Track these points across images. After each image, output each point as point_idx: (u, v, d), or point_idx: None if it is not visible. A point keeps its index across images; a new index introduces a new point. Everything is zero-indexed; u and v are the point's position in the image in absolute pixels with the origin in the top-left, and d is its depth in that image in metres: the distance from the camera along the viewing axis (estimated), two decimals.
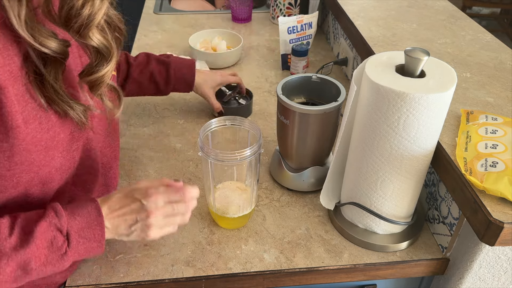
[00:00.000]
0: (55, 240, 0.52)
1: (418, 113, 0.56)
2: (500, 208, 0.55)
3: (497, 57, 0.89)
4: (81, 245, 0.54)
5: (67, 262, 0.53)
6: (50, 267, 0.52)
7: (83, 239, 0.54)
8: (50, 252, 0.52)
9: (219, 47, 1.25)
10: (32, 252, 0.50)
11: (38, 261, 0.51)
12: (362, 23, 1.04)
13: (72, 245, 0.53)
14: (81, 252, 0.54)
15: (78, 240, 0.53)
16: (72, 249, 0.53)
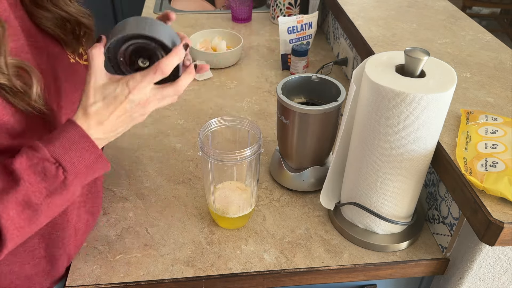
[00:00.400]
0: (46, 171, 0.49)
1: (418, 113, 0.56)
2: (500, 208, 0.55)
3: (497, 57, 0.89)
4: (78, 165, 0.50)
5: (73, 187, 0.51)
6: (58, 197, 0.50)
7: (77, 158, 0.50)
8: (48, 183, 0.49)
9: (219, 47, 1.25)
10: (26, 189, 0.48)
11: (39, 195, 0.49)
12: (362, 23, 1.04)
13: (68, 168, 0.50)
14: (82, 171, 0.51)
15: (72, 162, 0.50)
16: (70, 172, 0.50)
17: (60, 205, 0.52)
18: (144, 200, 0.80)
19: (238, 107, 1.06)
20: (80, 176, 0.52)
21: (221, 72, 1.21)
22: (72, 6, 0.61)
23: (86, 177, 0.53)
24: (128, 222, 0.75)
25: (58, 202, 0.51)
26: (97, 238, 0.72)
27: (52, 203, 0.50)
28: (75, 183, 0.51)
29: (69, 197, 0.52)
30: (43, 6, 0.57)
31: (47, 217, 0.51)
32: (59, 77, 0.58)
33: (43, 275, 0.64)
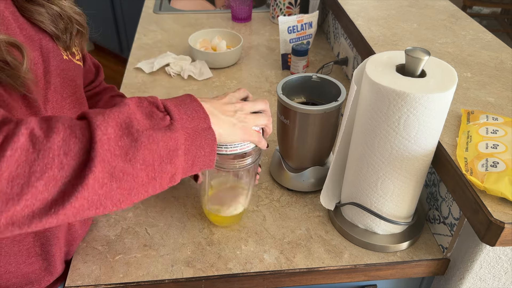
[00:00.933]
0: (153, 113, 0.48)
1: (418, 113, 0.56)
2: (500, 208, 0.55)
3: (498, 57, 0.89)
4: (185, 120, 0.50)
5: (177, 133, 0.48)
6: (160, 136, 0.47)
7: (184, 115, 0.50)
8: (152, 122, 0.48)
9: (219, 46, 1.24)
10: (129, 112, 0.46)
11: (142, 124, 0.46)
12: (363, 23, 1.03)
13: (174, 117, 0.50)
14: (189, 131, 0.50)
15: (181, 116, 0.50)
16: (176, 121, 0.49)
17: (160, 150, 0.47)
18: (143, 200, 0.80)
19: None
20: (187, 134, 0.50)
21: (221, 72, 1.21)
22: (65, 2, 0.61)
23: (192, 141, 0.51)
24: (127, 222, 0.75)
25: (160, 143, 0.47)
26: (96, 238, 0.72)
27: (153, 139, 0.46)
28: (181, 134, 0.49)
29: (171, 146, 0.48)
30: (34, 1, 0.57)
31: (144, 159, 0.46)
32: (50, 71, 0.57)
33: (40, 272, 0.64)
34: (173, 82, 1.16)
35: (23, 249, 0.60)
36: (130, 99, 0.49)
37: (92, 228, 0.74)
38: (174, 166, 0.49)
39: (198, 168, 0.54)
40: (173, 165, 0.49)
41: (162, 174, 0.49)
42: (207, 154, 0.53)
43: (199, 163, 0.53)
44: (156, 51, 1.30)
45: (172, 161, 0.49)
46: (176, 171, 0.50)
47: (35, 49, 0.56)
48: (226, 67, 1.23)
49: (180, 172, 0.51)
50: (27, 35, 0.55)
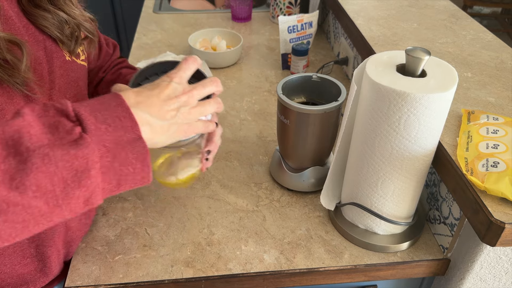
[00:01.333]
0: (59, 125, 0.39)
1: (419, 113, 0.55)
2: (501, 208, 0.55)
3: (498, 56, 0.89)
4: (103, 131, 0.41)
5: (87, 150, 0.39)
6: (61, 154, 0.38)
7: (103, 124, 0.41)
8: (54, 137, 0.39)
9: (219, 46, 1.24)
10: (20, 126, 0.38)
11: (36, 141, 0.38)
12: (363, 23, 1.03)
13: (88, 129, 0.40)
14: (107, 140, 0.41)
15: (98, 126, 0.41)
16: (89, 133, 0.40)
17: (62, 172, 0.38)
18: (143, 200, 0.79)
19: (238, 106, 1.05)
20: (105, 148, 0.41)
21: (221, 72, 1.21)
22: (75, 9, 0.61)
23: (114, 157, 0.41)
24: (127, 223, 0.75)
25: (59, 163, 0.38)
26: (96, 238, 0.72)
27: (50, 159, 0.38)
28: (92, 153, 0.40)
29: (78, 166, 0.39)
30: (40, 6, 0.57)
31: (38, 184, 0.37)
32: (54, 71, 0.57)
33: (36, 273, 0.64)
34: None
35: (18, 250, 0.60)
36: (32, 107, 0.40)
37: (91, 229, 0.73)
38: (87, 190, 0.41)
39: (129, 187, 0.45)
40: (85, 188, 0.40)
41: (70, 200, 0.40)
42: (137, 171, 0.44)
43: (129, 181, 0.44)
44: (156, 51, 1.30)
45: (82, 184, 0.40)
46: (92, 194, 0.42)
47: (40, 49, 0.56)
48: (226, 67, 1.23)
49: (99, 194, 0.42)
50: (32, 34, 0.55)
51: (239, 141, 0.95)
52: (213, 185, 0.83)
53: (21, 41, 0.50)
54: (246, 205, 0.79)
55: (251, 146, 0.93)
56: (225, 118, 1.01)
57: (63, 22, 0.59)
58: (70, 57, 0.62)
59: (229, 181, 0.84)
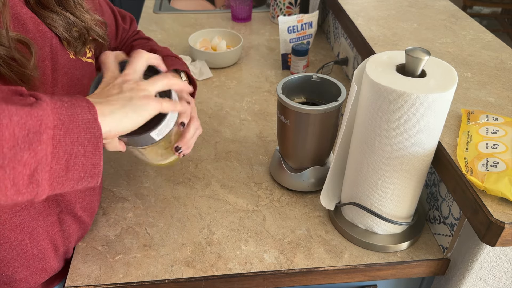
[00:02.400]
0: (14, 96, 0.39)
1: (418, 113, 0.55)
2: (500, 208, 0.55)
3: (498, 56, 0.89)
4: (59, 106, 0.40)
5: (42, 112, 0.38)
6: (16, 109, 0.37)
7: (59, 101, 0.41)
8: (9, 99, 0.38)
9: (219, 46, 1.24)
10: None
11: None
12: (363, 23, 1.03)
13: (43, 99, 0.40)
14: (63, 114, 0.40)
15: (54, 101, 0.40)
16: (45, 102, 0.39)
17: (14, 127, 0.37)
18: (143, 200, 0.80)
19: (238, 106, 1.06)
20: (59, 120, 0.40)
21: (221, 72, 1.21)
22: (85, 13, 0.61)
23: (66, 130, 0.40)
24: (127, 223, 0.75)
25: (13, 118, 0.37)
26: (96, 238, 0.72)
27: (6, 112, 0.37)
28: (46, 116, 0.39)
29: (31, 125, 0.37)
30: (48, 7, 0.57)
31: None
32: (58, 69, 0.58)
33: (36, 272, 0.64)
34: None
35: (21, 253, 0.60)
36: None
37: (91, 228, 0.74)
38: (35, 156, 0.38)
39: (77, 176, 0.42)
40: (33, 153, 0.38)
41: (15, 163, 0.37)
42: (88, 155, 0.42)
43: (77, 166, 0.42)
44: None
45: (32, 148, 0.38)
46: (39, 166, 0.38)
47: (46, 45, 0.56)
48: (226, 67, 1.23)
49: (46, 172, 0.39)
50: (41, 30, 0.55)
51: (239, 141, 0.95)
52: (213, 185, 0.83)
53: (30, 41, 0.51)
54: (246, 205, 0.79)
55: (251, 146, 0.93)
56: (225, 118, 1.01)
57: (70, 24, 0.59)
58: (75, 56, 0.62)
59: (229, 181, 0.84)
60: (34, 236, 0.61)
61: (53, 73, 0.57)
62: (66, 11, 0.58)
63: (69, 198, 0.64)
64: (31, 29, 0.54)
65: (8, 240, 0.58)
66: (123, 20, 0.82)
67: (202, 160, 0.89)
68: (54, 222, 0.64)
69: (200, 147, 0.92)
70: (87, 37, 0.62)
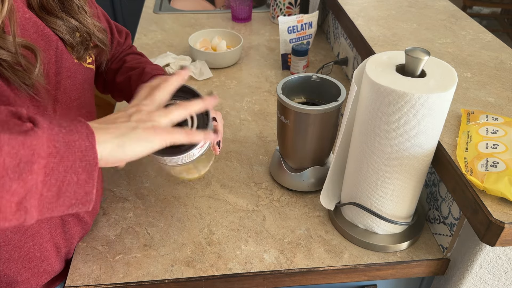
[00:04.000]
0: (10, 121, 0.38)
1: (418, 113, 0.56)
2: (500, 208, 0.55)
3: (498, 57, 0.89)
4: (56, 132, 0.39)
5: (37, 141, 0.37)
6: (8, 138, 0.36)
7: (57, 126, 0.40)
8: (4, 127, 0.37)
9: (219, 46, 1.24)
10: None
11: None
12: (363, 23, 1.03)
13: (40, 125, 0.39)
14: (58, 141, 0.39)
15: (52, 127, 0.39)
16: (41, 129, 0.38)
17: (4, 157, 0.36)
18: (143, 200, 0.80)
19: (238, 107, 1.06)
20: (54, 147, 0.39)
21: (221, 72, 1.21)
22: (87, 18, 0.61)
23: (61, 158, 0.39)
24: (127, 222, 0.75)
25: (4, 147, 0.36)
26: (96, 238, 0.72)
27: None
28: (40, 145, 0.38)
29: (23, 155, 0.36)
30: (52, 13, 0.57)
31: None
32: (61, 72, 0.58)
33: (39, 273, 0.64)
34: None
35: (24, 255, 0.60)
36: None
37: (92, 228, 0.74)
38: (24, 185, 0.37)
39: (68, 203, 0.41)
40: (22, 183, 0.37)
41: (3, 192, 0.36)
42: (81, 183, 0.41)
43: (69, 193, 0.41)
44: (156, 51, 1.30)
45: (22, 178, 0.37)
46: (27, 195, 0.38)
47: (51, 48, 0.56)
48: (226, 67, 1.23)
49: (35, 199, 0.38)
50: (47, 33, 0.55)
51: (239, 141, 0.95)
52: (213, 185, 0.83)
53: (36, 47, 0.51)
54: (246, 205, 0.79)
55: (251, 146, 0.93)
56: (225, 118, 1.01)
57: (73, 29, 0.59)
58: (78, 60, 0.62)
59: (229, 181, 0.84)
60: (37, 238, 0.61)
61: (57, 76, 0.57)
62: (69, 17, 0.59)
63: None
64: (35, 33, 0.54)
65: (10, 242, 0.59)
66: (119, 34, 0.82)
67: None
68: (57, 224, 0.64)
69: None
70: (89, 43, 0.63)
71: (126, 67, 0.77)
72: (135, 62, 0.78)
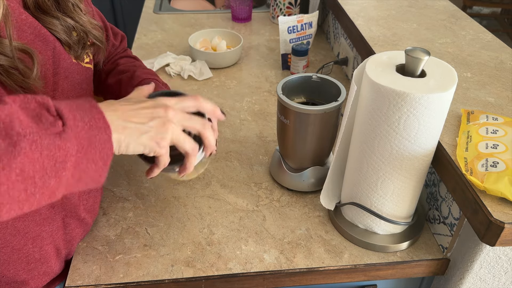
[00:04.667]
0: (42, 116, 0.41)
1: (418, 113, 0.56)
2: (500, 208, 0.55)
3: (498, 57, 0.89)
4: (81, 128, 0.42)
5: (69, 143, 0.41)
6: (47, 143, 0.39)
7: (80, 122, 0.42)
8: (39, 126, 0.40)
9: (219, 46, 1.25)
10: (10, 112, 0.39)
11: (25, 127, 0.39)
12: (363, 23, 1.03)
13: (68, 124, 0.42)
14: (83, 138, 0.42)
15: (76, 123, 0.42)
16: (70, 128, 0.41)
17: (44, 160, 0.39)
18: (143, 200, 0.80)
19: (238, 107, 1.06)
20: (80, 144, 0.42)
21: (221, 72, 1.21)
22: (83, 16, 0.61)
23: (85, 153, 0.43)
24: (127, 222, 0.75)
25: (44, 152, 0.39)
26: (96, 238, 0.72)
27: (37, 146, 0.39)
28: (73, 143, 0.41)
29: (59, 157, 0.40)
30: (48, 13, 0.57)
31: (22, 168, 0.38)
32: (59, 72, 0.58)
33: (39, 275, 0.64)
34: (173, 82, 1.16)
35: (23, 257, 0.60)
36: (13, 97, 0.41)
37: (92, 228, 0.74)
38: (59, 181, 0.42)
39: (84, 185, 0.46)
40: (58, 179, 0.42)
41: (43, 190, 0.41)
42: (98, 170, 0.45)
43: (86, 179, 0.45)
44: (156, 51, 1.30)
45: (58, 175, 0.41)
46: (59, 187, 0.42)
47: (48, 49, 0.56)
48: (226, 67, 1.23)
49: (62, 188, 0.43)
50: (43, 34, 0.55)
51: (239, 141, 0.95)
52: (213, 185, 0.83)
53: (32, 50, 0.51)
54: (246, 205, 0.79)
55: (251, 146, 0.93)
56: (225, 118, 1.01)
57: (70, 28, 0.59)
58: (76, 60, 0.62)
59: (229, 181, 0.84)
60: (38, 241, 0.61)
61: (54, 77, 0.57)
62: (65, 16, 0.58)
63: (73, 201, 0.64)
64: (32, 34, 0.54)
65: (9, 244, 0.58)
66: (115, 37, 0.82)
67: None
68: (59, 227, 0.64)
69: None
70: (86, 41, 0.62)
71: (118, 69, 0.77)
72: (128, 65, 0.78)
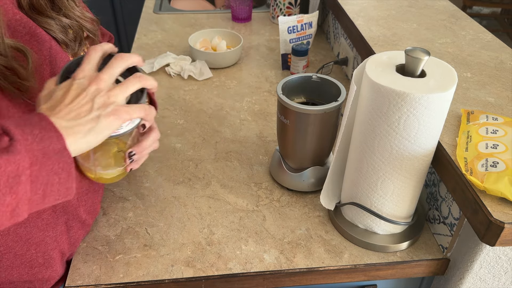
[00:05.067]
0: None
1: (418, 113, 0.56)
2: (500, 208, 0.55)
3: (498, 57, 0.89)
4: (31, 141, 0.41)
5: (19, 156, 0.40)
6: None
7: (29, 135, 0.41)
8: None
9: (219, 46, 1.25)
10: None
11: None
12: (363, 23, 1.03)
13: (16, 138, 0.41)
14: (36, 150, 0.41)
15: (25, 137, 0.41)
16: (18, 142, 0.40)
17: None
18: (143, 200, 0.80)
19: (238, 107, 1.06)
20: (34, 157, 0.41)
21: (221, 72, 1.21)
22: (76, 9, 0.61)
23: (41, 165, 0.42)
24: (127, 222, 0.75)
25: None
26: (96, 238, 0.72)
27: None
28: (23, 159, 0.40)
29: (10, 171, 0.40)
30: (43, 13, 0.56)
31: None
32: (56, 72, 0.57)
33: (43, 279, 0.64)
34: (173, 82, 1.16)
35: (26, 262, 0.60)
36: None
37: (92, 228, 0.74)
38: (16, 197, 0.41)
39: (54, 199, 0.45)
40: (14, 195, 0.41)
41: (0, 207, 0.40)
42: (63, 181, 0.45)
43: (54, 192, 0.45)
44: (156, 51, 1.30)
45: (13, 191, 0.40)
46: (19, 203, 0.42)
47: (44, 49, 0.55)
48: (226, 67, 1.23)
49: (25, 205, 0.42)
50: (39, 34, 0.55)
51: (239, 141, 0.95)
52: (213, 185, 0.83)
53: (26, 48, 0.50)
54: (246, 205, 0.79)
55: (251, 146, 0.93)
56: (225, 118, 1.01)
57: (65, 26, 0.59)
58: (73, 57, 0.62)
59: (229, 181, 0.84)
60: (41, 246, 0.61)
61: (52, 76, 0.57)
62: (61, 15, 0.58)
63: (73, 203, 0.64)
64: (27, 34, 0.53)
65: (11, 250, 0.58)
66: (102, 37, 0.82)
67: (202, 160, 0.89)
68: (63, 231, 0.64)
69: (200, 147, 0.93)
70: (82, 37, 0.62)
71: None
72: None
